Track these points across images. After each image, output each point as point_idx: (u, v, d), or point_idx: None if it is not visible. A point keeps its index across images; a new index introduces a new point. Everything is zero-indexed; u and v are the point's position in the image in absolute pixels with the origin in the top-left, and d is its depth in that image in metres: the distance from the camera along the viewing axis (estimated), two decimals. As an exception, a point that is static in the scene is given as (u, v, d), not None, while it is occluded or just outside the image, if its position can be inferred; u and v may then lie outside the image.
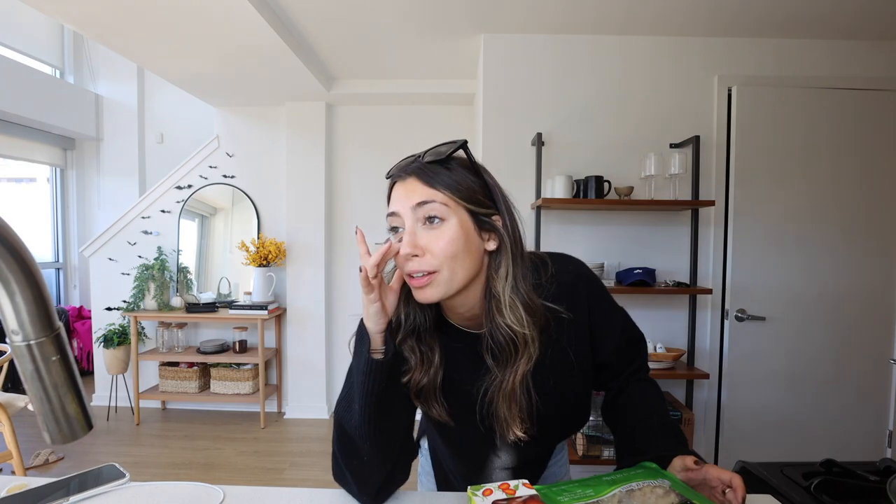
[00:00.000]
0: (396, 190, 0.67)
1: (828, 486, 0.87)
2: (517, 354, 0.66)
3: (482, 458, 0.81)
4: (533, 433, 0.70)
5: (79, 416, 0.43)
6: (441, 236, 0.63)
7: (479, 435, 0.76)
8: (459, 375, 0.72)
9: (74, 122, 3.88)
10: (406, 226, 0.64)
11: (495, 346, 0.67)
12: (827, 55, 2.29)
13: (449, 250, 0.63)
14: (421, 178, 0.65)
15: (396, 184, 0.67)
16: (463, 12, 2.15)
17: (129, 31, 2.22)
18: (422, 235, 0.63)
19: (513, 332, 0.65)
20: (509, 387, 0.68)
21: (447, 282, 0.63)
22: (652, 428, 0.76)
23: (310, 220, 3.30)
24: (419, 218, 0.64)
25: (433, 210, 0.63)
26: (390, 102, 3.27)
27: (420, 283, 0.63)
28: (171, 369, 3.27)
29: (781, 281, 2.26)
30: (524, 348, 0.66)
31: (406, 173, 0.66)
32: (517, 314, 0.65)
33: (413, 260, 0.63)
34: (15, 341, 0.39)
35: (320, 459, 2.73)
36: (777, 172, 2.24)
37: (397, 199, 0.66)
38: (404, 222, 0.64)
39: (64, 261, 4.21)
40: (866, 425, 2.29)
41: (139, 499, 0.75)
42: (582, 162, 2.30)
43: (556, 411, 0.74)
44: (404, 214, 0.64)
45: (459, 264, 0.64)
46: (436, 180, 0.64)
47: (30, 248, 0.39)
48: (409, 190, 0.64)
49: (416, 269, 0.63)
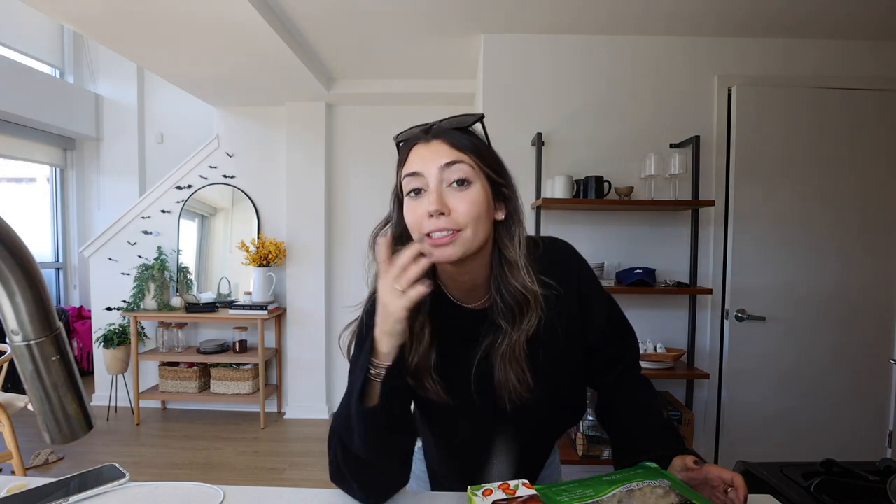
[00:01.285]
0: (419, 151, 0.66)
1: (828, 486, 0.87)
2: (525, 315, 0.68)
3: (477, 458, 0.80)
4: (533, 398, 0.71)
5: (79, 416, 0.43)
6: (467, 198, 0.64)
7: (475, 425, 0.75)
8: (454, 351, 0.72)
9: (74, 122, 3.88)
10: (431, 185, 0.64)
11: (505, 309, 0.68)
12: (827, 55, 2.29)
13: (474, 211, 0.64)
14: (447, 141, 0.65)
15: (418, 145, 0.67)
16: (463, 12, 2.15)
17: (129, 32, 2.22)
18: (449, 196, 0.64)
19: (525, 293, 0.67)
20: (517, 348, 0.68)
21: (469, 241, 0.64)
22: (651, 428, 0.76)
23: (310, 220, 3.30)
24: (446, 179, 0.64)
25: (462, 171, 0.64)
26: (390, 102, 3.27)
27: (443, 240, 0.63)
28: (171, 369, 3.27)
29: (781, 281, 2.26)
30: (535, 306, 0.68)
31: (431, 135, 0.67)
32: (530, 276, 0.67)
33: (440, 218, 0.62)
34: (15, 341, 0.39)
35: (320, 459, 2.73)
36: (777, 172, 2.24)
37: (420, 158, 0.65)
38: (428, 182, 0.64)
39: (64, 261, 4.21)
40: (866, 425, 2.28)
41: (139, 499, 0.75)
42: (582, 162, 2.30)
43: (548, 389, 0.74)
44: (429, 174, 0.64)
45: (481, 226, 0.65)
46: (462, 144, 0.65)
47: (30, 248, 0.39)
48: (436, 151, 0.65)
49: (441, 226, 0.62)
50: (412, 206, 0.66)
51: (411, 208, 0.66)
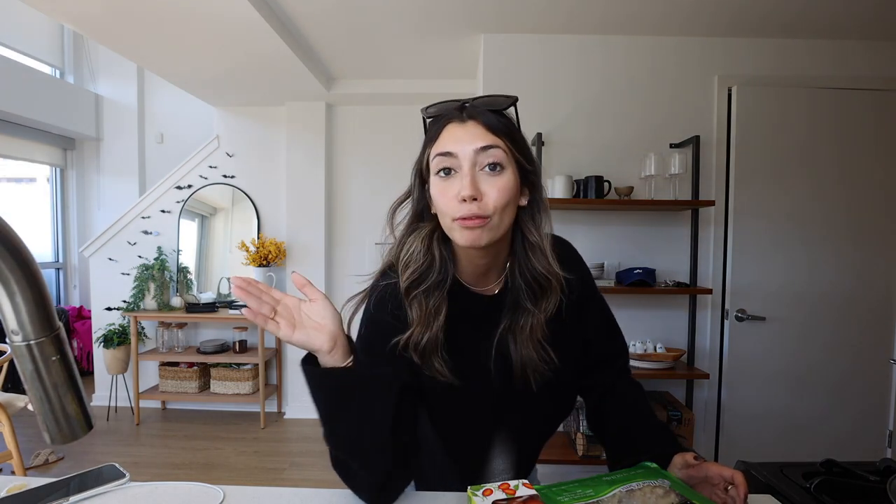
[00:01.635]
0: (452, 130, 0.65)
1: (828, 486, 0.87)
2: (546, 296, 0.69)
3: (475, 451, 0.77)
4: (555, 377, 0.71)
5: (79, 416, 0.43)
6: (499, 184, 0.63)
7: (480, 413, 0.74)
8: (467, 334, 0.72)
9: (74, 122, 3.88)
10: (464, 168, 0.62)
11: (528, 290, 0.69)
12: (827, 55, 2.29)
13: (504, 199, 0.63)
14: (483, 123, 0.64)
15: (452, 123, 0.65)
16: (463, 12, 2.15)
17: (129, 32, 2.22)
18: (482, 181, 0.63)
19: (548, 275, 0.68)
20: (539, 328, 0.69)
21: (496, 228, 0.64)
22: (649, 428, 0.76)
23: (310, 220, 3.30)
24: (479, 163, 0.63)
25: (496, 156, 0.63)
26: (390, 102, 3.27)
27: (474, 224, 0.62)
28: (171, 369, 3.27)
29: (781, 281, 2.26)
30: (556, 288, 0.69)
31: (467, 115, 0.65)
32: (553, 259, 0.68)
33: (472, 203, 0.61)
34: (15, 341, 0.39)
35: (320, 459, 2.74)
36: (777, 172, 2.24)
37: (455, 139, 0.64)
38: (461, 164, 0.63)
39: (64, 261, 4.21)
40: (866, 425, 2.28)
41: (139, 499, 0.75)
42: (582, 162, 2.30)
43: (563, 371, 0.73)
44: (463, 157, 0.63)
45: (508, 214, 0.65)
46: (499, 128, 0.64)
47: (30, 248, 0.39)
48: (471, 133, 0.63)
49: (473, 213, 0.62)
50: (442, 186, 0.64)
51: (441, 189, 0.64)
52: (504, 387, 0.72)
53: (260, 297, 0.58)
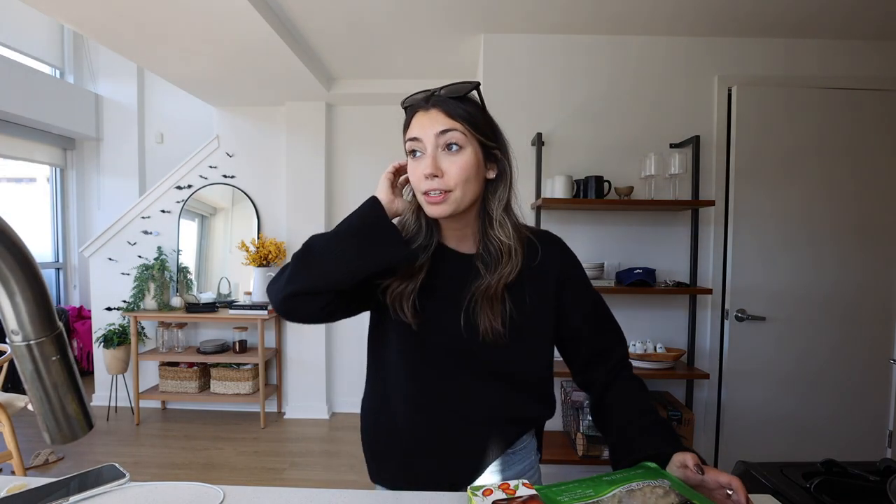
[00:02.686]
0: (419, 118, 0.76)
1: (828, 486, 0.87)
2: (501, 264, 0.77)
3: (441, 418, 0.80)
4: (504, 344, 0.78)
5: (79, 416, 0.43)
6: (458, 162, 0.73)
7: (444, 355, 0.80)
8: (446, 287, 0.80)
9: (74, 122, 3.88)
10: (427, 150, 0.73)
11: (487, 257, 0.78)
12: (827, 55, 2.29)
13: (463, 174, 0.73)
14: (443, 110, 0.74)
15: (419, 112, 0.76)
16: (463, 12, 2.15)
17: (129, 32, 2.22)
18: (442, 159, 0.73)
19: (501, 245, 0.77)
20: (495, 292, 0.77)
21: (458, 201, 0.74)
22: (647, 425, 0.77)
23: (310, 220, 3.30)
24: (440, 144, 0.73)
25: (453, 138, 0.73)
26: (390, 102, 3.27)
27: (436, 199, 0.73)
28: (171, 369, 3.27)
29: (781, 281, 2.26)
30: (510, 258, 0.77)
31: (430, 104, 0.75)
32: (506, 230, 0.77)
33: (433, 180, 0.72)
34: (15, 341, 0.39)
35: (320, 459, 2.74)
36: (777, 172, 2.24)
37: (420, 125, 0.75)
38: (425, 147, 0.74)
39: (64, 261, 4.21)
40: (866, 425, 2.29)
41: (139, 499, 0.75)
42: (582, 162, 2.30)
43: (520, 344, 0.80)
44: (426, 140, 0.74)
45: (469, 187, 0.75)
46: (456, 113, 0.74)
47: (30, 248, 0.39)
48: (433, 119, 0.74)
49: (434, 187, 0.73)
50: (413, 166, 0.76)
51: (412, 168, 0.76)
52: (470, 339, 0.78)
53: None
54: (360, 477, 2.53)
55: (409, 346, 0.81)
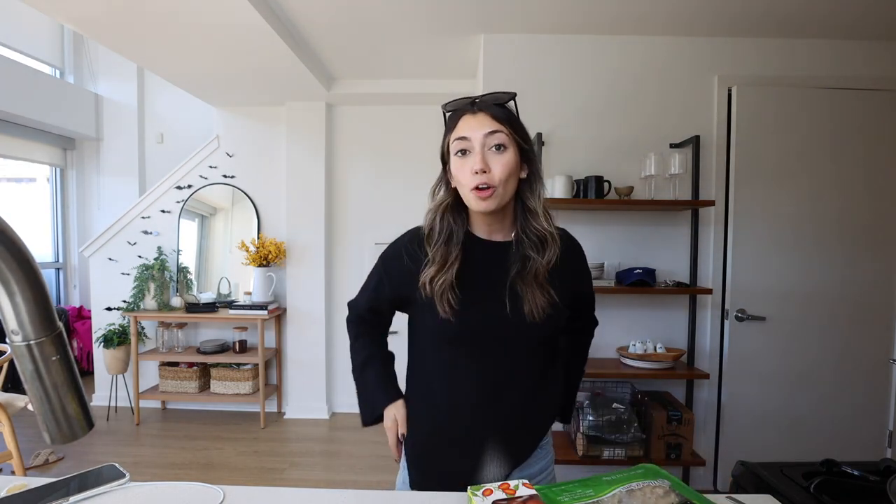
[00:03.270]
0: (467, 120, 0.84)
1: (828, 486, 0.87)
2: (546, 248, 0.86)
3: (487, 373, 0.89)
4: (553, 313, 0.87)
5: (79, 416, 0.43)
6: (503, 160, 0.82)
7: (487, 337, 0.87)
8: (483, 273, 0.88)
9: (74, 122, 3.88)
10: (476, 149, 0.82)
11: (529, 243, 0.87)
12: (827, 55, 2.29)
13: (506, 172, 0.82)
14: (490, 114, 0.83)
15: (466, 115, 0.84)
16: (463, 12, 2.15)
17: (129, 32, 2.22)
18: (490, 158, 0.82)
19: (544, 232, 0.86)
20: (541, 273, 0.86)
21: (501, 196, 0.83)
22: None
23: (310, 220, 3.30)
24: (488, 144, 0.82)
25: (500, 139, 0.82)
26: (390, 102, 3.27)
27: (485, 194, 0.81)
28: (171, 369, 3.27)
29: (781, 281, 2.26)
30: (552, 242, 0.86)
31: (477, 108, 0.84)
32: (548, 220, 0.87)
33: (482, 175, 0.81)
34: (15, 341, 0.39)
35: (320, 459, 2.74)
36: (777, 172, 2.24)
37: (469, 127, 0.83)
38: (474, 146, 0.82)
39: (64, 261, 4.21)
40: (866, 425, 2.29)
41: (139, 499, 0.75)
42: (582, 162, 2.30)
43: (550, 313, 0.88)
44: (475, 140, 0.82)
45: (510, 184, 0.84)
46: (501, 117, 0.83)
47: (30, 248, 0.39)
48: (480, 121, 0.82)
49: (483, 181, 0.81)
50: (460, 163, 0.84)
51: (459, 166, 0.84)
52: (515, 315, 0.86)
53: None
54: (360, 477, 2.53)
55: (453, 332, 0.87)
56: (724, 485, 2.26)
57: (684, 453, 2.04)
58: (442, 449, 0.91)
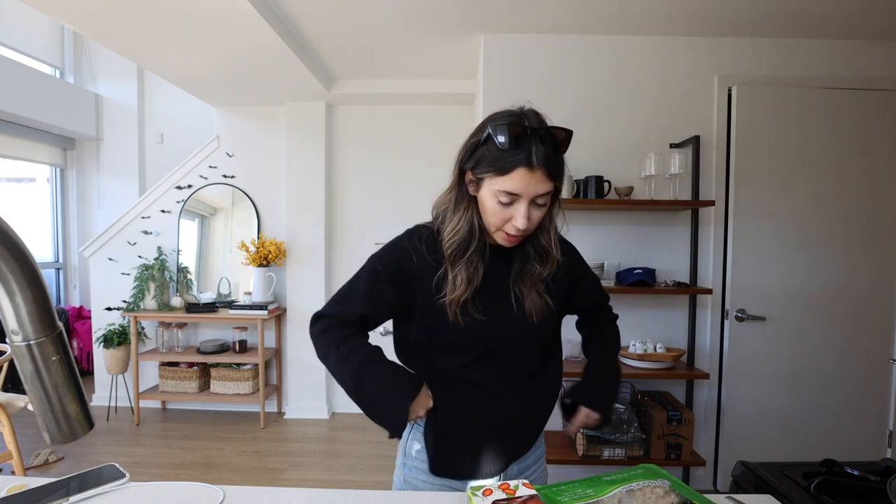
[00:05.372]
0: (523, 175, 0.78)
1: (828, 486, 0.87)
2: (550, 259, 0.90)
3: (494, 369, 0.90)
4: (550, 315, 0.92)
5: (79, 416, 0.43)
6: (541, 212, 0.83)
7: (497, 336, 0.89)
8: (493, 276, 0.89)
9: (74, 122, 3.88)
10: (523, 206, 0.80)
11: (532, 252, 0.90)
12: (827, 55, 2.29)
13: (540, 219, 0.84)
14: (548, 172, 0.79)
15: (523, 169, 0.77)
16: (463, 12, 2.15)
17: (129, 32, 2.22)
18: (531, 213, 0.81)
19: (548, 247, 0.90)
20: (543, 278, 0.90)
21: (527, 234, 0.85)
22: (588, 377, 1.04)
23: (310, 220, 3.30)
24: (535, 200, 0.80)
25: (547, 197, 0.82)
26: (390, 102, 3.27)
27: (515, 241, 0.85)
28: (171, 369, 3.27)
29: (781, 281, 2.26)
30: (553, 257, 0.90)
31: (538, 162, 0.78)
32: (553, 237, 0.90)
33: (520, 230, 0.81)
34: (15, 341, 0.39)
35: (320, 459, 2.74)
36: (777, 172, 2.24)
37: (524, 184, 0.78)
38: (521, 201, 0.80)
39: (64, 261, 4.21)
40: (866, 425, 2.29)
41: (139, 499, 0.75)
42: (582, 162, 2.30)
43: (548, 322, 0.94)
44: (525, 197, 0.79)
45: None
46: (556, 174, 0.81)
47: (30, 248, 0.39)
48: (538, 180, 0.78)
49: (520, 235, 0.83)
50: (498, 210, 0.81)
51: (497, 211, 0.82)
52: (519, 316, 0.90)
53: None
54: (361, 477, 2.53)
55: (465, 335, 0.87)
56: (724, 485, 2.26)
57: (684, 453, 2.04)
58: (444, 448, 0.92)
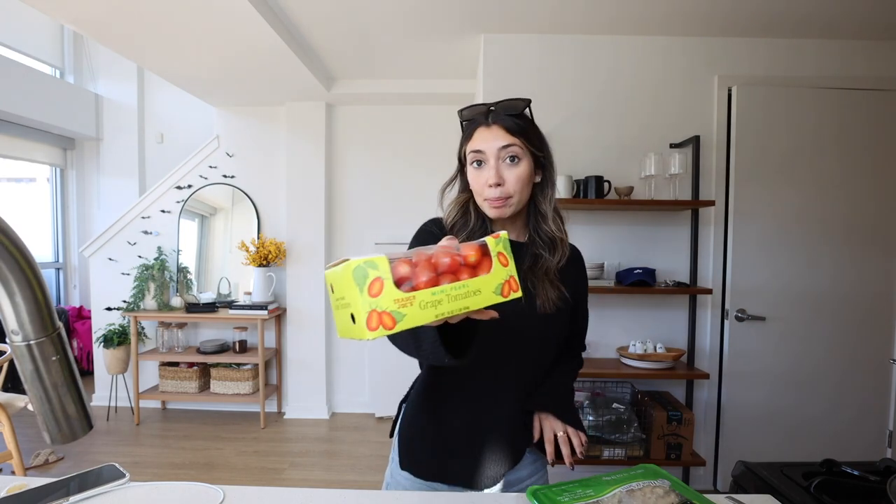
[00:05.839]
0: (481, 133, 0.86)
1: (828, 486, 0.87)
2: (556, 250, 0.90)
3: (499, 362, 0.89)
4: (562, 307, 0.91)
5: (79, 416, 0.43)
6: (516, 172, 0.84)
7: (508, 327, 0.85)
8: None
9: (74, 122, 3.88)
10: (490, 162, 0.84)
11: (541, 243, 0.90)
12: (827, 55, 2.29)
13: (520, 182, 0.85)
14: (503, 126, 0.85)
15: (480, 128, 0.86)
16: (463, 12, 2.15)
17: (129, 32, 2.22)
18: (503, 169, 0.84)
19: (554, 235, 0.90)
20: (552, 271, 0.90)
21: (516, 203, 0.86)
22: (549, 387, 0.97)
23: (310, 220, 3.30)
24: (502, 157, 0.84)
25: (514, 151, 0.84)
26: (390, 102, 3.27)
27: (499, 203, 0.85)
28: (171, 369, 3.27)
29: (781, 281, 2.26)
30: (561, 245, 0.90)
31: (491, 121, 0.85)
32: (557, 223, 0.90)
33: (496, 188, 0.84)
34: (15, 341, 0.39)
35: (320, 459, 2.74)
36: (777, 172, 2.24)
37: (483, 140, 0.85)
38: (488, 159, 0.85)
39: (64, 261, 4.21)
40: (866, 425, 2.29)
41: (139, 499, 0.75)
42: (582, 162, 2.30)
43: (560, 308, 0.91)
44: (489, 153, 0.84)
45: (525, 192, 0.87)
46: (514, 129, 0.85)
47: (30, 248, 0.39)
48: (494, 135, 0.84)
49: (497, 195, 0.84)
50: (475, 175, 0.87)
51: (475, 177, 0.87)
52: (530, 309, 0.89)
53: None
54: (360, 477, 2.53)
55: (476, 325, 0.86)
56: (724, 485, 2.26)
57: (684, 453, 2.04)
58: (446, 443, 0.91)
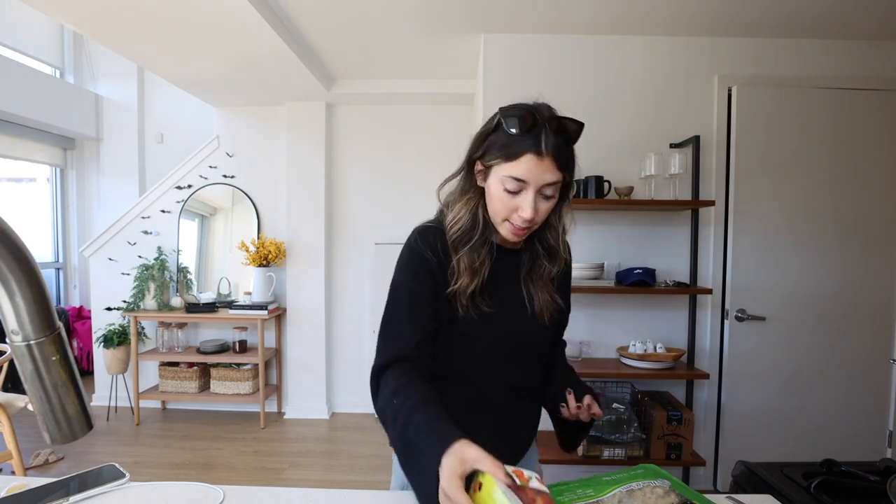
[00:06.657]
0: (531, 162, 0.75)
1: (828, 486, 0.87)
2: (556, 259, 0.89)
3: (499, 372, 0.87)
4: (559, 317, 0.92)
5: (79, 416, 0.43)
6: (548, 205, 0.80)
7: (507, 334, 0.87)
8: (502, 277, 0.87)
9: (74, 122, 3.88)
10: (530, 194, 0.76)
11: (544, 252, 0.88)
12: (827, 55, 2.29)
13: (548, 213, 0.81)
14: (557, 161, 0.76)
15: (530, 155, 0.74)
16: (463, 12, 2.15)
17: (129, 32, 2.22)
18: (539, 203, 0.78)
19: (556, 245, 0.88)
20: (551, 277, 0.89)
21: (533, 229, 0.82)
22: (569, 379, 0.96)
23: (310, 220, 3.30)
24: (542, 190, 0.77)
25: (555, 187, 0.78)
26: (390, 102, 3.27)
27: (522, 234, 0.81)
28: (171, 369, 3.27)
29: (781, 281, 2.26)
30: (561, 256, 0.89)
31: (547, 150, 0.75)
32: (560, 234, 0.88)
33: (528, 221, 0.78)
34: (15, 341, 0.39)
35: (320, 459, 2.74)
36: (777, 172, 2.24)
37: (530, 171, 0.75)
38: (528, 189, 0.76)
39: (64, 261, 4.21)
40: (866, 425, 2.29)
41: (139, 499, 0.75)
42: (582, 162, 2.27)
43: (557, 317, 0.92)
44: (532, 185, 0.76)
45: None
46: (566, 164, 0.78)
47: (30, 248, 0.39)
48: (545, 169, 0.75)
49: (525, 226, 0.79)
50: (506, 198, 0.78)
51: (503, 199, 0.78)
52: (531, 318, 0.88)
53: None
54: (360, 477, 2.53)
55: (478, 333, 0.85)
56: (724, 485, 2.26)
57: (684, 453, 2.04)
58: None
